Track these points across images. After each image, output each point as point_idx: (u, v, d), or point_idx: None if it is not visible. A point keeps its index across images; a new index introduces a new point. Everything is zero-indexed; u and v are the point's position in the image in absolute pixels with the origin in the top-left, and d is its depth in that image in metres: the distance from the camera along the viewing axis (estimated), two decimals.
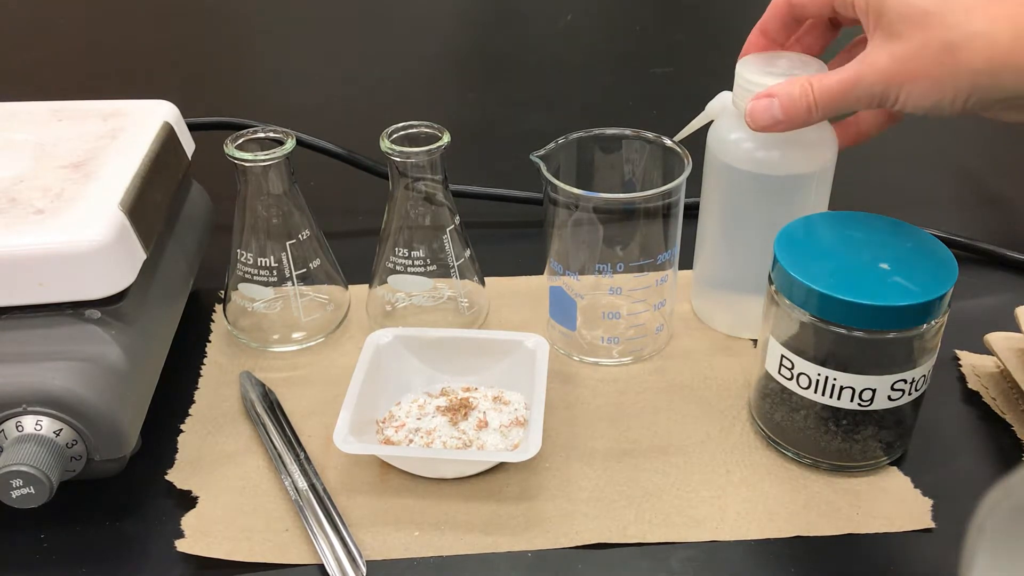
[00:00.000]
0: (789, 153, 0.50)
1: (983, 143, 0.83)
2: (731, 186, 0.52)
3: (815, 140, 0.50)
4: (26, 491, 0.41)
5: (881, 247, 0.45)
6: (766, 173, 0.50)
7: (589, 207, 0.51)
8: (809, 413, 0.46)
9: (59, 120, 0.53)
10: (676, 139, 0.53)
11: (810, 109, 0.46)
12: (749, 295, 0.54)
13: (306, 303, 0.56)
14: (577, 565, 0.43)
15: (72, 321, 0.44)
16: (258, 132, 0.52)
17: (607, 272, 0.52)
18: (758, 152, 0.50)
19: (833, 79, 0.46)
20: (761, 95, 0.48)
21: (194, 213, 0.58)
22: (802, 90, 0.46)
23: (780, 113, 0.47)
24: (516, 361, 0.51)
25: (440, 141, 0.52)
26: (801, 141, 0.50)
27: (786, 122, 0.47)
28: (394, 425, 0.49)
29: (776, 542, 0.44)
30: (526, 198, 0.69)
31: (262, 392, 0.52)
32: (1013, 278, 0.62)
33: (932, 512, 0.45)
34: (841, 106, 0.46)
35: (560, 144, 0.53)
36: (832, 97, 0.46)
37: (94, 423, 0.43)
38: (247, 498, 0.46)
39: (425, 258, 0.54)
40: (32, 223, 0.44)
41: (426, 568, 0.43)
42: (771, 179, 0.50)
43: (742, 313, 0.55)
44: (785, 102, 0.47)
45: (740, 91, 0.50)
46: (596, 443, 0.49)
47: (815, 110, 0.46)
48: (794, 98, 0.46)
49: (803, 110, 0.46)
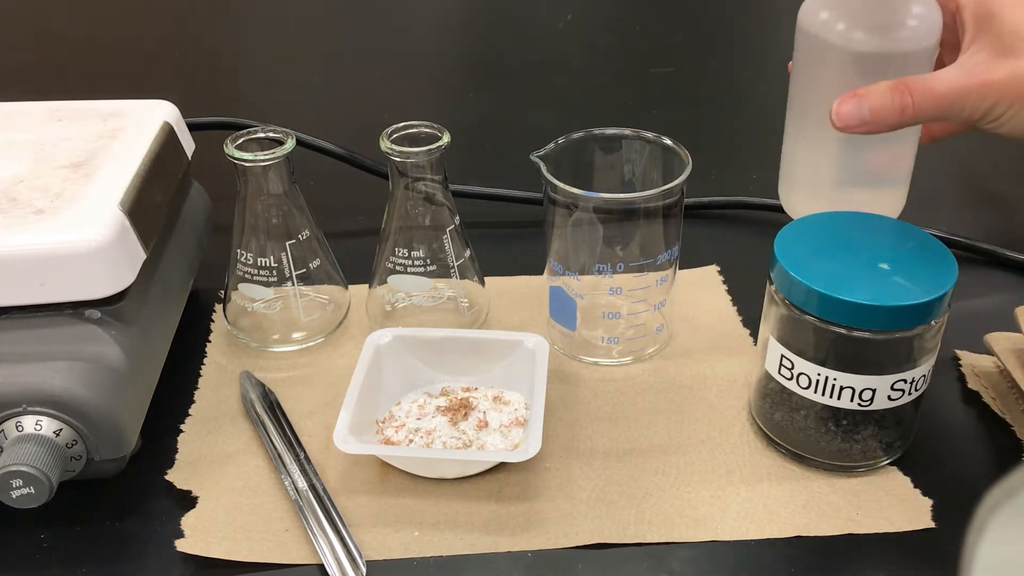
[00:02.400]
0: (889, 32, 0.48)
1: (983, 143, 0.82)
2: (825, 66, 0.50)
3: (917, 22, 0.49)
4: (26, 491, 0.41)
5: (881, 247, 0.45)
6: (864, 51, 0.48)
7: (589, 207, 0.51)
8: (809, 413, 0.46)
9: (59, 120, 0.53)
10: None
11: (904, 112, 0.45)
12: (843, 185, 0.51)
13: (306, 303, 0.56)
14: (577, 565, 0.43)
15: (72, 321, 0.44)
16: (258, 132, 0.53)
17: (607, 272, 0.52)
18: (854, 32, 0.48)
19: (940, 85, 0.44)
20: (848, 96, 0.46)
21: (194, 213, 0.58)
22: (896, 96, 0.45)
23: (868, 113, 0.46)
24: (516, 361, 0.51)
25: (440, 141, 0.52)
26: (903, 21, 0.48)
27: (874, 123, 0.46)
28: (394, 425, 0.49)
29: (776, 542, 0.44)
30: (526, 198, 0.69)
31: (262, 392, 0.52)
32: (1013, 278, 0.62)
33: (932, 512, 0.45)
34: (942, 114, 0.45)
35: (560, 144, 0.53)
36: (937, 103, 0.44)
37: (94, 423, 0.43)
38: (247, 498, 0.46)
39: (425, 258, 0.54)
40: (32, 223, 0.44)
41: (426, 568, 0.43)
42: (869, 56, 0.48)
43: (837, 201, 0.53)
44: (875, 104, 0.45)
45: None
46: (596, 443, 0.49)
47: (911, 113, 0.45)
48: (885, 104, 0.45)
49: (896, 113, 0.45)
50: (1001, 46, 0.43)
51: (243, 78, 0.99)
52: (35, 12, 1.12)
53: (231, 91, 0.95)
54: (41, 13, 1.12)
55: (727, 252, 0.64)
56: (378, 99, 0.91)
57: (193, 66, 0.99)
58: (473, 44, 1.08)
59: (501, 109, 0.89)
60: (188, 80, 0.95)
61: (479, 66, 1.02)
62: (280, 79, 0.97)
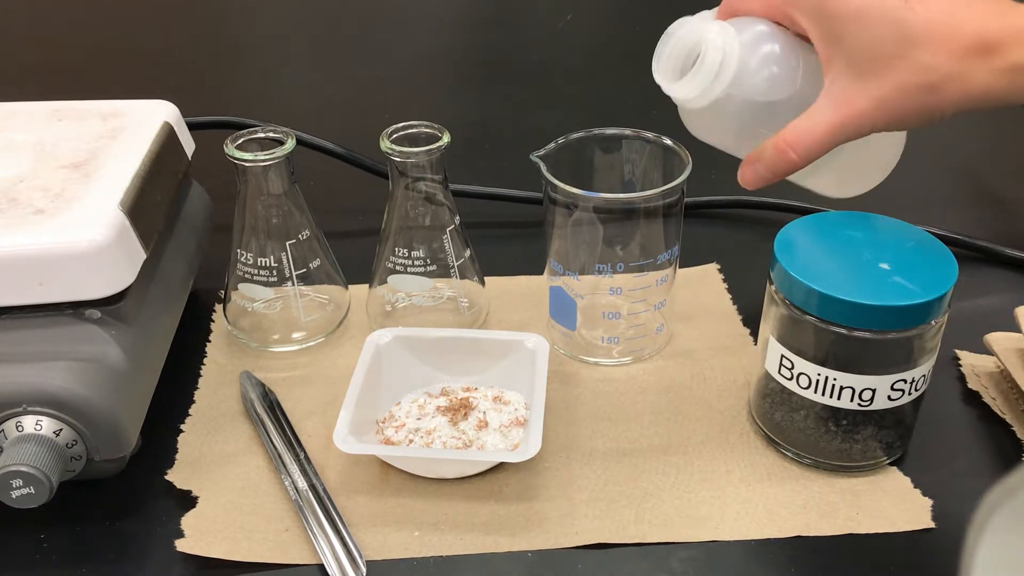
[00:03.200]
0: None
1: (983, 143, 0.83)
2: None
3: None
4: (26, 491, 0.41)
5: (881, 247, 0.45)
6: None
7: (589, 207, 0.51)
8: (809, 413, 0.46)
9: (59, 120, 0.53)
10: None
11: (795, 163, 0.47)
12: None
13: (306, 303, 0.56)
14: (577, 565, 0.43)
15: (72, 321, 0.44)
16: (258, 132, 0.52)
17: (607, 272, 0.52)
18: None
19: (818, 127, 0.45)
20: (745, 164, 0.48)
21: (194, 213, 0.58)
22: (781, 154, 0.46)
23: (767, 173, 0.48)
24: (516, 361, 0.51)
25: (440, 141, 0.52)
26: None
27: (777, 177, 0.48)
28: (394, 425, 0.49)
29: (776, 542, 0.44)
30: (526, 198, 0.69)
31: (262, 392, 0.52)
32: (1013, 277, 0.62)
33: (932, 512, 0.45)
34: (833, 146, 0.46)
35: (560, 144, 0.53)
36: (822, 145, 0.46)
37: (94, 423, 0.43)
38: (247, 498, 0.46)
39: (425, 258, 0.54)
40: (32, 223, 0.44)
41: (426, 568, 0.43)
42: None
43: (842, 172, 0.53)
44: (768, 164, 0.47)
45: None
46: (596, 443, 0.49)
47: (802, 162, 0.47)
48: (777, 162, 0.47)
49: (789, 166, 0.47)
50: (858, 70, 0.44)
51: (243, 78, 0.99)
52: (35, 12, 1.12)
53: (231, 91, 0.95)
54: (41, 13, 1.12)
55: (727, 252, 0.64)
56: (378, 99, 0.91)
57: (193, 66, 0.99)
58: (473, 44, 1.08)
59: (501, 109, 0.89)
60: (188, 80, 0.95)
61: (479, 66, 1.02)
62: (280, 79, 0.97)
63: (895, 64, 0.43)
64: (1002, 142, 0.83)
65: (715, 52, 0.46)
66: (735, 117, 0.49)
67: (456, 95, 0.94)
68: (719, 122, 0.50)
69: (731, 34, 0.47)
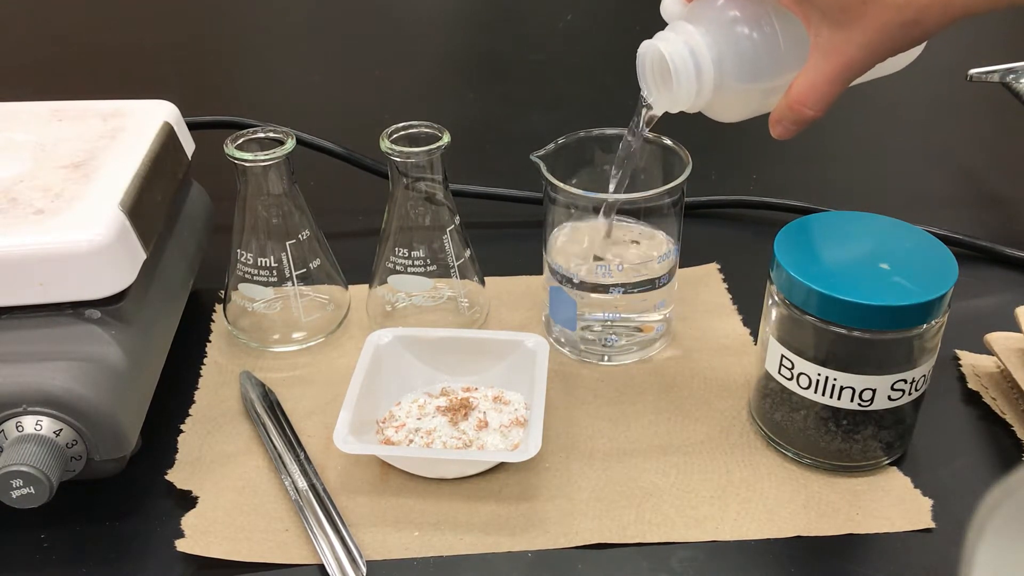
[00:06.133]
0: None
1: (983, 142, 0.83)
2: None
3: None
4: (26, 491, 0.41)
5: (881, 247, 0.45)
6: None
7: (589, 207, 0.51)
8: (809, 413, 0.46)
9: (59, 120, 0.53)
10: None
11: (812, 117, 0.45)
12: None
13: (306, 303, 0.56)
14: (577, 565, 0.43)
15: (72, 321, 0.44)
16: (258, 132, 0.53)
17: (607, 272, 0.52)
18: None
19: (820, 79, 0.44)
20: (771, 123, 0.47)
21: (194, 213, 0.58)
22: (797, 112, 0.45)
23: (795, 127, 0.46)
24: (516, 361, 0.51)
25: (440, 141, 0.52)
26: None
27: (803, 127, 0.46)
28: (394, 425, 0.49)
29: (776, 542, 0.44)
30: (526, 198, 0.69)
31: (262, 392, 0.52)
32: (1013, 277, 0.62)
33: (932, 512, 0.45)
34: (844, 88, 0.45)
35: (560, 144, 0.53)
36: (830, 96, 0.45)
37: (94, 423, 0.43)
38: (247, 498, 0.46)
39: (425, 258, 0.54)
40: (32, 223, 0.44)
41: (426, 568, 0.43)
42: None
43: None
44: (791, 120, 0.46)
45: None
46: (596, 443, 0.49)
47: (818, 113, 0.45)
48: (796, 118, 0.46)
49: (808, 118, 0.46)
50: (834, 21, 0.43)
51: (243, 78, 0.99)
52: (36, 12, 1.12)
53: (231, 91, 0.95)
54: (42, 13, 1.12)
55: (727, 252, 0.64)
56: (378, 99, 0.91)
57: (193, 66, 0.99)
58: (473, 44, 1.08)
59: (501, 109, 0.89)
60: (188, 80, 0.95)
61: (479, 66, 1.02)
62: (280, 79, 0.97)
63: (869, 10, 0.42)
64: (1002, 142, 0.83)
65: (681, 60, 0.46)
66: (741, 95, 0.48)
67: (456, 95, 0.94)
68: (731, 104, 0.49)
69: (690, 32, 0.46)
